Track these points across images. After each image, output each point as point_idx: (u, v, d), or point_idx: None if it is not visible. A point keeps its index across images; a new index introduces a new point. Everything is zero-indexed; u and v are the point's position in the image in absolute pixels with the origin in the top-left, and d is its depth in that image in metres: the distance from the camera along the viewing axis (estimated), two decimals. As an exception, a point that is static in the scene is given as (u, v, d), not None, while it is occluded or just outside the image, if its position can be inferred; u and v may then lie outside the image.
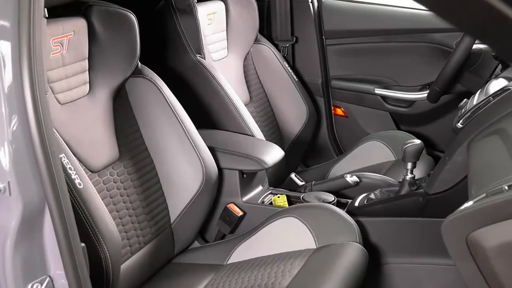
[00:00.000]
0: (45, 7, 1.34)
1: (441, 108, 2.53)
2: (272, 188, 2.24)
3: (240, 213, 2.03)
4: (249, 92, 2.56)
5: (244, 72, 2.57)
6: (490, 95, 1.64)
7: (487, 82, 1.79)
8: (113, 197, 1.71)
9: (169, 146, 1.85)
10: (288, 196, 2.12)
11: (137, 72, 1.83)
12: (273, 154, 2.09)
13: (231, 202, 2.06)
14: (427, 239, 1.80)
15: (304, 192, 2.19)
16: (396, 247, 1.85)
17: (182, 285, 1.77)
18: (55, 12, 1.61)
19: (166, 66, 2.29)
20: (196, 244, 2.01)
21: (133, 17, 1.75)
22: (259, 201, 2.11)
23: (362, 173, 2.28)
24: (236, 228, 2.05)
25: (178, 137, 1.85)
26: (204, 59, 2.29)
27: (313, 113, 2.66)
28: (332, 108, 2.85)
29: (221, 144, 2.07)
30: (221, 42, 2.48)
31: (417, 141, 1.91)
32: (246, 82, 2.56)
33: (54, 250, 1.18)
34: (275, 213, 1.86)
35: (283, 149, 2.17)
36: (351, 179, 2.19)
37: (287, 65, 2.65)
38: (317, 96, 2.81)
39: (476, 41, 2.17)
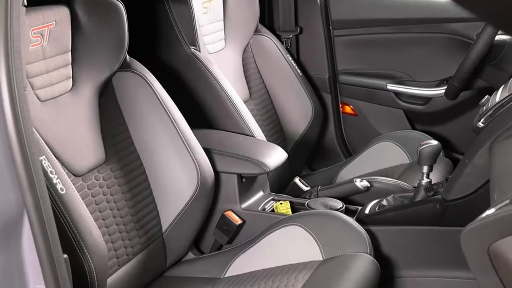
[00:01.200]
0: (23, -6, 1.34)
1: (460, 106, 2.53)
2: (274, 193, 2.24)
3: (239, 221, 2.03)
4: (249, 88, 2.56)
5: (243, 66, 2.57)
6: (514, 91, 1.65)
7: (511, 77, 1.79)
8: (98, 204, 1.71)
9: (161, 147, 1.85)
10: (291, 203, 2.12)
11: (125, 66, 1.83)
12: (275, 156, 2.09)
13: (229, 209, 2.06)
14: (444, 250, 1.80)
15: (309, 198, 2.19)
16: (411, 258, 1.85)
17: (175, 301, 1.77)
18: (34, 0, 1.61)
19: (157, 59, 2.29)
20: (190, 255, 2.01)
21: (120, 6, 1.75)
22: (259, 208, 2.11)
23: (373, 177, 2.28)
24: (234, 238, 2.05)
25: (171, 137, 1.85)
26: (199, 51, 2.30)
27: (319, 111, 2.67)
28: (340, 105, 2.85)
29: (218, 145, 2.07)
30: (218, 33, 2.48)
31: (434, 142, 1.91)
32: (246, 77, 2.56)
33: (34, 262, 1.18)
34: (277, 222, 1.86)
35: (286, 150, 2.17)
36: (361, 184, 2.19)
37: (290, 58, 2.65)
38: (324, 92, 2.81)
39: (499, 32, 2.17)
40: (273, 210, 2.11)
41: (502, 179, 1.18)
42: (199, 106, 2.29)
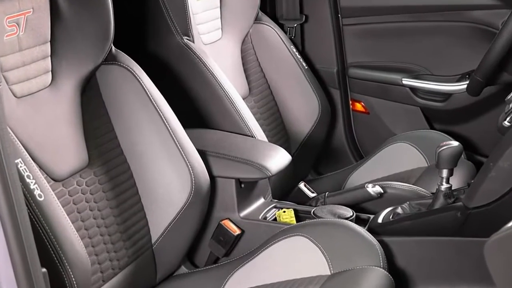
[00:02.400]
0: (-3, -22, 1.35)
1: (484, 103, 2.53)
2: (276, 200, 2.25)
3: (237, 231, 2.03)
4: (248, 82, 2.56)
5: (242, 58, 2.57)
6: (544, 87, 1.65)
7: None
8: (81, 212, 1.70)
9: (150, 149, 1.85)
10: (295, 211, 2.12)
11: (110, 58, 1.83)
12: (278, 159, 2.09)
13: (226, 218, 2.06)
14: (466, 263, 1.80)
15: (315, 206, 2.19)
16: (429, 272, 1.85)
17: (166, 320, 1.77)
18: (9, -15, 1.61)
19: (146, 50, 2.29)
20: (183, 269, 2.01)
21: (105, -9, 1.76)
22: (260, 217, 2.12)
23: (386, 182, 2.28)
24: (232, 249, 2.05)
25: (161, 138, 1.85)
26: (193, 42, 2.30)
27: (327, 108, 2.67)
28: (350, 102, 2.85)
29: (214, 147, 2.08)
30: (214, 21, 2.48)
31: (455, 143, 1.91)
32: (245, 71, 2.56)
33: (9, 276, 1.18)
34: (280, 232, 1.86)
35: (289, 152, 2.17)
36: (373, 189, 2.19)
37: (294, 50, 2.65)
38: (332, 87, 2.81)
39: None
40: (275, 219, 2.12)
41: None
42: (193, 103, 2.29)
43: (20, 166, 1.47)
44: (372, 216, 2.05)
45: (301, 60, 2.64)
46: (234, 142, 2.16)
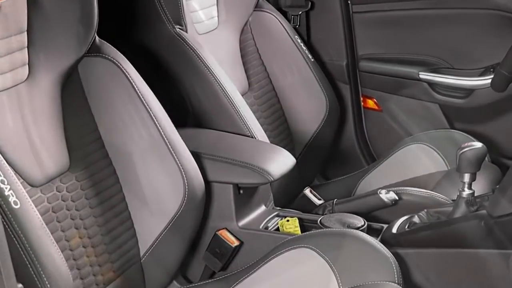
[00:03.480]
0: (-32, -39, 1.35)
1: (510, 99, 2.53)
2: (278, 208, 2.25)
3: (235, 242, 2.03)
4: (248, 77, 2.56)
5: (241, 49, 2.58)
6: None
7: None
8: (61, 221, 1.71)
9: (138, 151, 1.85)
10: (300, 220, 2.13)
11: (94, 50, 1.83)
12: (281, 162, 2.09)
13: (223, 228, 2.06)
14: (490, 277, 1.80)
15: (322, 214, 2.19)
16: (449, 288, 1.86)
17: None
18: (-18, -32, 1.61)
19: (134, 41, 2.30)
20: (175, 285, 2.02)
21: (88, -25, 1.76)
22: (260, 227, 2.12)
23: (402, 188, 2.28)
24: (229, 263, 2.06)
25: (150, 138, 1.85)
26: (186, 31, 2.30)
27: (335, 105, 2.67)
28: (361, 99, 2.85)
29: (210, 149, 2.08)
30: (209, 8, 2.48)
31: (478, 144, 1.91)
32: (244, 64, 2.57)
33: (-19, 293, 1.18)
34: (283, 243, 1.86)
35: (294, 155, 2.18)
36: (386, 196, 2.19)
37: (299, 40, 2.65)
38: (341, 82, 2.82)
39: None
40: (277, 229, 2.12)
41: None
42: (186, 99, 2.29)
43: (-7, 170, 1.47)
44: (385, 226, 2.05)
45: (306, 51, 2.64)
46: (231, 143, 2.16)
